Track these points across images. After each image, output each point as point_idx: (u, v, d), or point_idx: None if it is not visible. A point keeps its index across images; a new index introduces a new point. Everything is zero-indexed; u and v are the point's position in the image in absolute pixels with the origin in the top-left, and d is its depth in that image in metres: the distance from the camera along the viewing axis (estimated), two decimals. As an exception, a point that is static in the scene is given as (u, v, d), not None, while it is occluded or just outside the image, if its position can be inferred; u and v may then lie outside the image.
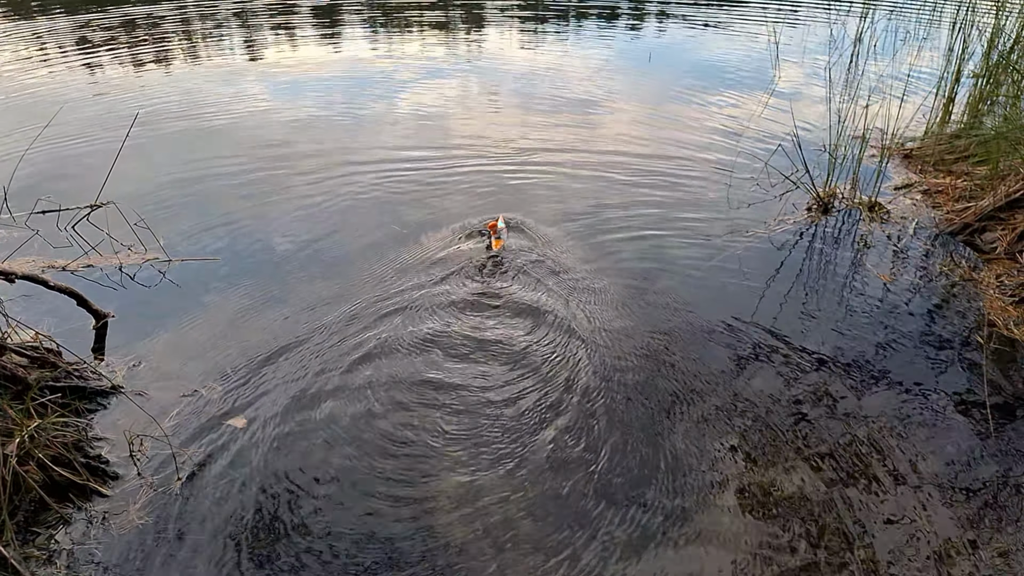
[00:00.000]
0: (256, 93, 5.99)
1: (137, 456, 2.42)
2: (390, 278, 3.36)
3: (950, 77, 5.07)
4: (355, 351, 2.88)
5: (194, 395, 2.66)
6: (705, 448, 2.45)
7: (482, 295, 3.24)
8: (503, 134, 5.06)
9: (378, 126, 5.22)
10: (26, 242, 3.55)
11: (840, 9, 9.30)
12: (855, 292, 3.30)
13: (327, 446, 2.46)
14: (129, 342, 2.94)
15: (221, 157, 4.65)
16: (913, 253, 3.60)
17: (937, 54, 6.58)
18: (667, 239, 3.72)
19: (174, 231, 3.74)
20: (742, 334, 3.00)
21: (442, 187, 4.25)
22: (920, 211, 3.95)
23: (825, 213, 3.96)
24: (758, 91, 5.97)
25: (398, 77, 6.48)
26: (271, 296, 3.25)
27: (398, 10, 10.05)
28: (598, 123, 5.33)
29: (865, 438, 2.48)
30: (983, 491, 2.30)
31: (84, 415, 2.58)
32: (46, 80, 6.34)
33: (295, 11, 9.83)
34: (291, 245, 3.65)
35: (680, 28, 8.65)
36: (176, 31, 8.48)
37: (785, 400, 2.66)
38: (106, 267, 3.41)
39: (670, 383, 2.74)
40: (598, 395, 2.68)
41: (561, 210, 4.01)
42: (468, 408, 2.61)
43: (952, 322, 3.10)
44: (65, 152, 4.66)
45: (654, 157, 4.68)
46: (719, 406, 2.63)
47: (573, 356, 2.87)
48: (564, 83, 6.24)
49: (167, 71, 6.73)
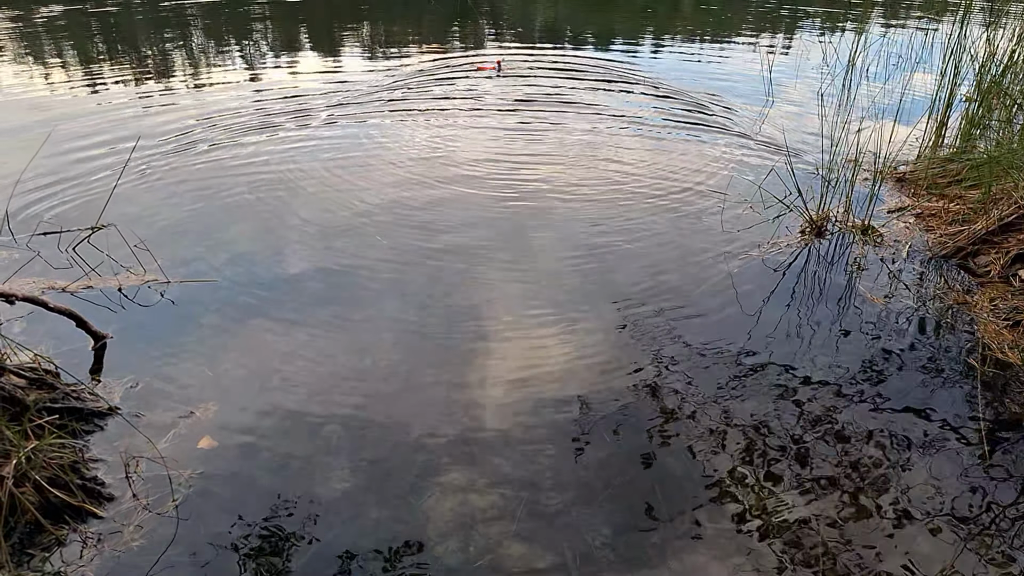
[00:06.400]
0: (258, 114, 6.04)
1: (133, 477, 2.42)
2: (390, 304, 3.39)
3: (942, 101, 5.14)
4: (354, 376, 2.90)
5: (190, 416, 2.67)
6: (697, 473, 2.46)
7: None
8: (497, 157, 5.11)
9: (382, 151, 5.26)
10: (27, 263, 3.57)
11: (833, 33, 9.42)
12: (849, 315, 3.32)
13: (327, 468, 2.46)
14: (127, 363, 2.95)
15: (221, 179, 4.69)
16: (907, 276, 3.63)
17: (930, 78, 6.65)
18: (659, 262, 3.75)
19: (173, 252, 3.76)
20: (735, 357, 3.02)
21: (439, 211, 4.28)
22: (913, 234, 3.99)
23: (819, 236, 4.00)
24: (750, 114, 6.04)
25: (404, 105, 6.54)
26: (269, 318, 3.26)
27: (398, 33, 10.18)
28: (587, 146, 5.38)
29: (860, 462, 2.49)
30: (980, 516, 2.30)
31: (81, 436, 2.59)
32: (48, 97, 6.40)
33: (300, 27, 9.96)
34: (290, 268, 3.68)
35: (672, 51, 8.75)
36: (178, 45, 8.59)
37: (779, 424, 2.67)
38: (105, 288, 3.43)
39: (662, 406, 2.75)
40: (586, 418, 2.69)
41: (554, 237, 4.05)
42: (460, 437, 2.62)
43: (947, 345, 3.12)
44: (68, 173, 4.69)
45: (645, 180, 4.73)
46: (712, 430, 2.64)
47: (558, 377, 2.89)
48: (557, 110, 6.30)
49: (169, 88, 6.80)
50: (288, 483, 2.41)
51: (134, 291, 3.43)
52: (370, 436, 2.60)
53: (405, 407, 2.74)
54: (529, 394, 2.82)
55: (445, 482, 2.41)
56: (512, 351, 3.07)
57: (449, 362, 3.00)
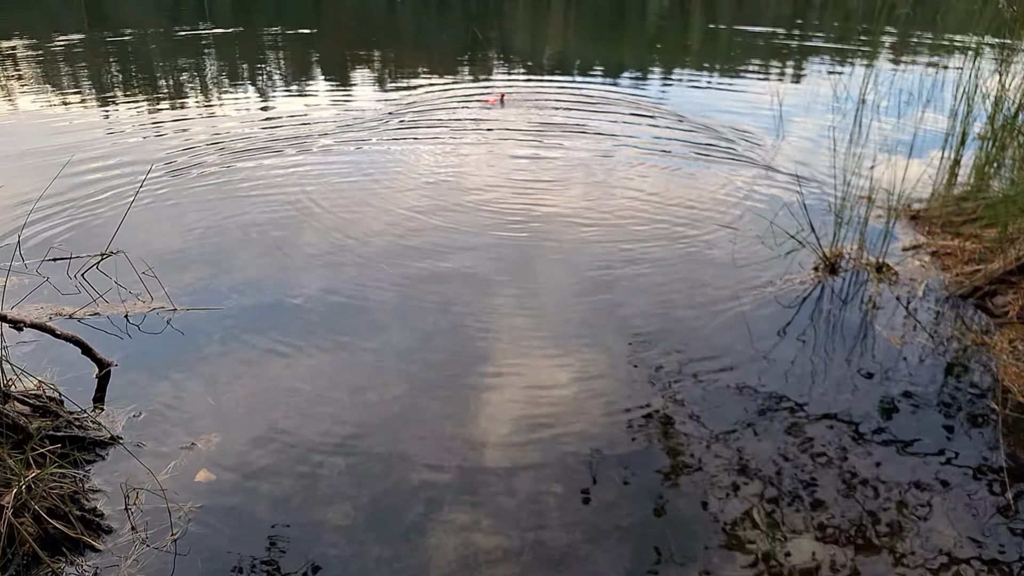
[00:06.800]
0: (268, 141, 6.08)
1: (132, 509, 2.38)
2: (395, 336, 3.36)
3: (955, 139, 5.12)
4: (357, 408, 2.86)
5: (192, 447, 2.63)
6: (708, 516, 2.39)
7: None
8: (505, 185, 5.12)
9: (390, 179, 5.27)
10: (35, 289, 3.57)
11: (843, 70, 9.47)
12: (865, 354, 3.26)
13: (328, 503, 2.41)
14: (130, 392, 2.93)
15: (231, 206, 4.70)
16: (923, 316, 3.57)
17: (942, 116, 6.64)
18: (671, 297, 3.70)
19: (181, 280, 3.76)
20: (747, 396, 2.96)
21: (446, 239, 4.27)
22: (929, 273, 3.94)
23: (832, 273, 3.95)
24: (761, 149, 6.04)
25: (413, 133, 6.58)
26: (273, 348, 3.24)
27: (408, 62, 10.30)
28: (595, 176, 5.38)
29: (877, 506, 2.42)
30: (1002, 565, 2.22)
31: (82, 466, 2.55)
32: (64, 124, 6.47)
33: (312, 57, 10.09)
34: (295, 296, 3.66)
35: (681, 84, 8.80)
36: (192, 72, 8.70)
37: (793, 465, 2.60)
38: (112, 315, 3.42)
39: (672, 445, 2.69)
40: (594, 456, 2.63)
41: (562, 268, 4.02)
42: (464, 474, 2.56)
43: (966, 387, 3.06)
44: (80, 198, 4.71)
45: (657, 214, 4.71)
46: (723, 471, 2.58)
47: (565, 413, 2.84)
48: (566, 140, 6.32)
49: (182, 115, 6.86)
50: (288, 519, 2.36)
51: (140, 318, 3.41)
52: (372, 471, 2.55)
53: (408, 441, 2.70)
54: (535, 430, 2.77)
55: (448, 520, 2.35)
56: (518, 385, 3.03)
57: (454, 396, 2.96)
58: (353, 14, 15.82)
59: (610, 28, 15.20)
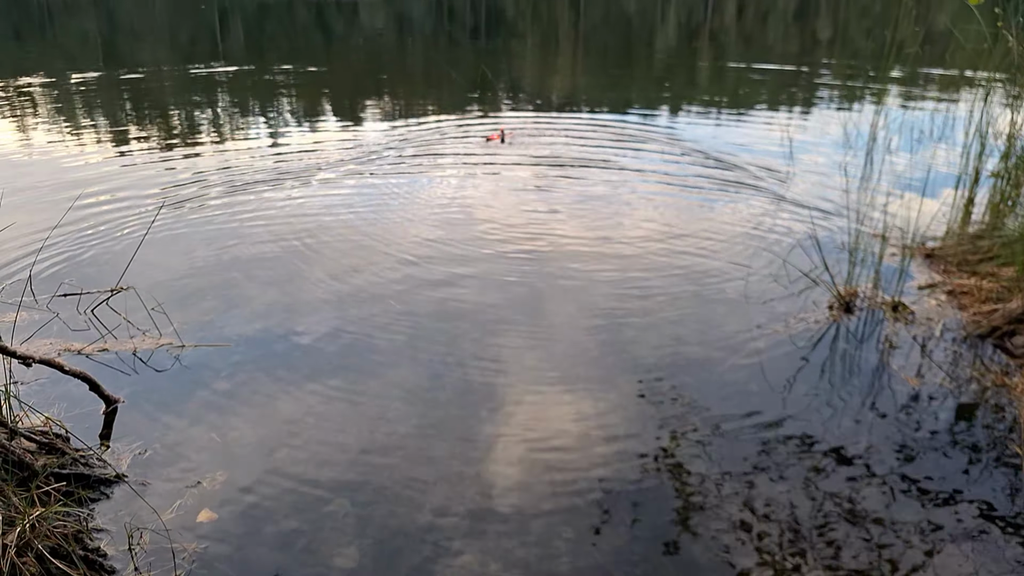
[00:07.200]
0: (278, 177, 6.13)
1: (136, 550, 2.34)
2: (403, 373, 3.33)
3: (969, 177, 5.09)
4: (363, 447, 2.82)
5: (197, 486, 2.60)
6: (721, 560, 2.32)
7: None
8: (515, 221, 5.12)
9: (398, 214, 5.29)
10: (46, 324, 3.58)
11: (853, 107, 9.51)
12: (882, 394, 3.20)
13: (333, 545, 2.36)
14: (137, 429, 2.90)
15: (240, 241, 4.72)
16: (941, 355, 3.51)
17: (954, 154, 6.64)
18: (683, 334, 3.66)
19: (190, 316, 3.75)
20: (762, 436, 2.90)
21: (455, 275, 4.25)
22: (946, 312, 3.88)
23: (847, 312, 3.90)
24: (772, 186, 6.03)
25: (421, 169, 6.63)
26: (280, 385, 3.22)
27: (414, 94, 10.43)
28: (610, 216, 5.38)
29: (895, 551, 2.34)
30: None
31: (86, 504, 2.52)
32: (75, 161, 6.55)
33: (323, 94, 10.23)
34: (303, 333, 3.64)
35: (691, 123, 8.85)
36: (204, 109, 8.82)
37: (807, 506, 2.53)
38: (121, 351, 3.41)
39: (684, 487, 2.63)
40: (605, 498, 2.57)
41: (571, 304, 3.99)
42: (472, 516, 2.51)
43: (986, 429, 2.98)
44: (92, 233, 4.75)
45: (667, 250, 4.69)
46: (736, 513, 2.51)
47: (576, 453, 2.79)
48: (575, 175, 6.35)
49: (194, 152, 6.94)
50: (292, 561, 2.31)
51: (148, 354, 3.40)
52: (378, 513, 2.50)
53: (415, 482, 2.65)
54: (545, 471, 2.72)
55: (456, 565, 2.29)
56: (527, 425, 2.98)
57: (462, 435, 2.91)
58: (363, 53, 16.08)
59: (618, 66, 15.39)
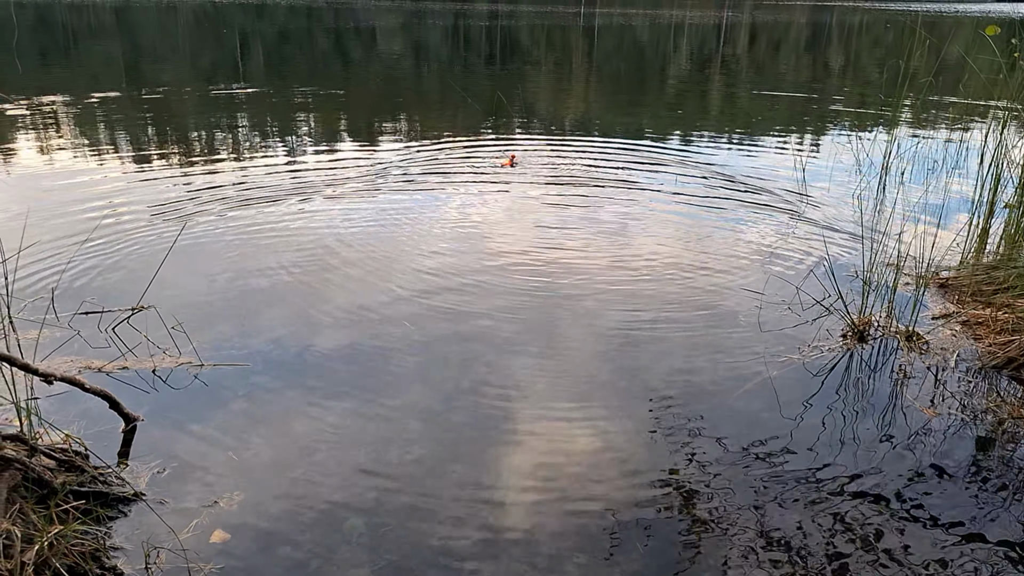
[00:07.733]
0: (296, 195, 6.20)
1: (152, 569, 2.36)
2: (417, 394, 3.35)
3: (984, 207, 5.10)
4: (378, 468, 2.83)
5: (214, 505, 2.62)
6: (742, 591, 2.32)
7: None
8: (528, 243, 5.16)
9: (416, 238, 5.34)
10: (67, 342, 3.63)
11: (865, 135, 9.54)
12: (896, 425, 3.19)
13: (347, 567, 2.37)
14: (155, 447, 2.93)
15: (260, 260, 4.77)
16: (956, 387, 3.50)
17: (968, 183, 6.65)
18: (695, 362, 3.67)
19: (209, 335, 3.80)
20: (774, 465, 2.90)
21: (468, 296, 4.28)
22: (961, 342, 3.87)
23: (861, 341, 3.90)
24: (785, 213, 6.05)
25: (436, 190, 6.70)
26: (297, 405, 3.25)
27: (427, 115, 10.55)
28: (621, 240, 5.41)
29: (913, 587, 2.33)
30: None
31: (104, 522, 2.54)
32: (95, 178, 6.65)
33: (341, 117, 10.36)
34: (320, 353, 3.68)
35: (704, 148, 8.90)
36: (224, 129, 8.95)
37: (820, 538, 2.52)
38: (140, 370, 3.45)
39: (696, 515, 2.63)
40: (617, 524, 2.57)
41: (584, 329, 4.01)
42: (485, 539, 2.52)
43: (1001, 462, 2.97)
44: (113, 251, 4.81)
45: (680, 276, 4.71)
46: (748, 543, 2.50)
47: (587, 478, 2.79)
48: (589, 199, 6.39)
49: (214, 170, 7.03)
50: (310, 583, 2.32)
51: (168, 373, 3.44)
52: (392, 534, 2.51)
53: (429, 503, 2.66)
54: (557, 496, 2.72)
55: None
56: (540, 448, 2.99)
57: (475, 457, 2.93)
58: (381, 77, 16.29)
59: (631, 92, 15.53)
